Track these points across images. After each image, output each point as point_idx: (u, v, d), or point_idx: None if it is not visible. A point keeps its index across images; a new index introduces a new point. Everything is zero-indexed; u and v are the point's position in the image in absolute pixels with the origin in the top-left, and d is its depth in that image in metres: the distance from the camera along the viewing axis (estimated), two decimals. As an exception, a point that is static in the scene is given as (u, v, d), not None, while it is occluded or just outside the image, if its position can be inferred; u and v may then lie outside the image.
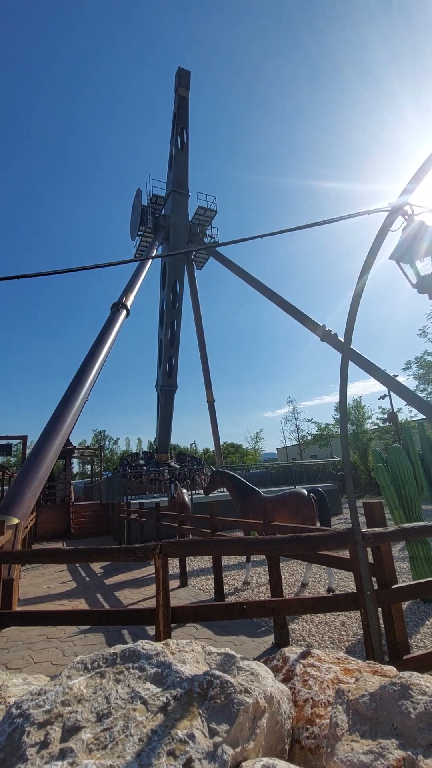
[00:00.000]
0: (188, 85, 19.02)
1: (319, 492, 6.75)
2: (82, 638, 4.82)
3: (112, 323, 13.34)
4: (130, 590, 7.16)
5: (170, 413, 20.82)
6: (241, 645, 4.34)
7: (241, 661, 1.66)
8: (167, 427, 20.84)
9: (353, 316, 2.99)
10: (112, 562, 9.16)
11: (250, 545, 3.24)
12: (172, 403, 20.82)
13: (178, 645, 1.77)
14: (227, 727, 1.28)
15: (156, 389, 21.13)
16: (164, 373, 20.38)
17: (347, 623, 4.71)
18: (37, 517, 15.37)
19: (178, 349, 20.97)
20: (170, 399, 20.65)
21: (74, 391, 10.33)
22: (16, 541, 6.37)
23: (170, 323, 20.41)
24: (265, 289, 15.67)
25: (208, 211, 21.75)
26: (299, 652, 1.99)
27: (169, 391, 20.60)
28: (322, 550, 3.07)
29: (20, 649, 4.63)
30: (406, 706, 1.20)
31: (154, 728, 1.26)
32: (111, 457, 50.71)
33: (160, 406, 20.70)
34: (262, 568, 7.68)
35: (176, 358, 20.82)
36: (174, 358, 20.73)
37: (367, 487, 27.05)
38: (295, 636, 4.49)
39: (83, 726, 1.28)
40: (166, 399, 20.52)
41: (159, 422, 20.72)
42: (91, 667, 1.61)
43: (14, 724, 1.32)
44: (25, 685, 1.76)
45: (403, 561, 7.32)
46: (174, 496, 10.28)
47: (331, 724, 1.29)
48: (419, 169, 2.71)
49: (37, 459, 8.37)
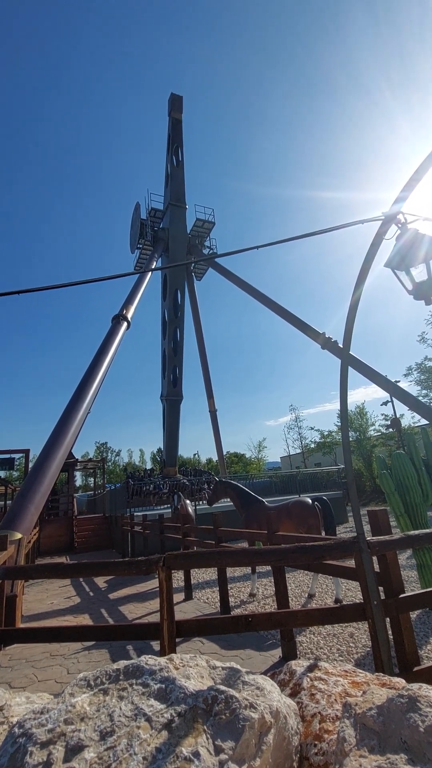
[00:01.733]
0: (181, 108, 19.82)
1: (323, 500, 6.69)
2: (87, 655, 4.75)
3: (113, 335, 13.43)
4: (134, 604, 7.06)
5: (177, 424, 20.40)
6: (248, 659, 4.26)
7: (246, 675, 1.63)
8: (174, 439, 20.39)
9: (351, 322, 3.01)
10: (116, 576, 9.06)
11: (255, 556, 3.21)
12: (179, 413, 20.42)
13: (182, 660, 1.74)
14: (233, 744, 1.26)
15: (161, 401, 20.74)
16: (169, 383, 20.10)
17: (356, 635, 4.63)
18: (40, 532, 15.25)
19: (182, 358, 20.80)
20: (176, 410, 20.27)
21: (76, 404, 10.35)
22: (19, 557, 6.32)
23: (173, 333, 20.30)
24: (265, 298, 15.77)
25: (206, 223, 22.05)
26: (306, 665, 1.96)
27: (175, 402, 20.23)
28: (327, 559, 3.03)
29: (24, 667, 4.55)
30: (414, 719, 1.18)
31: (159, 746, 1.24)
32: (114, 469, 50.50)
33: (166, 418, 20.25)
34: (268, 580, 7.57)
35: (180, 368, 20.61)
36: (178, 368, 20.52)
37: (372, 495, 26.77)
38: (303, 649, 4.41)
39: (86, 745, 1.26)
40: (172, 410, 20.12)
41: (165, 434, 20.22)
42: (94, 684, 1.58)
43: (17, 744, 1.30)
44: (28, 704, 1.74)
45: (411, 569, 7.22)
46: (178, 507, 10.21)
47: (339, 740, 1.26)
48: (411, 177, 2.75)
49: (39, 473, 8.35)
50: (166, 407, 20.27)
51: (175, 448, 20.79)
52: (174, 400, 20.18)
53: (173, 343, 20.35)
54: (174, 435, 20.30)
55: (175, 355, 20.40)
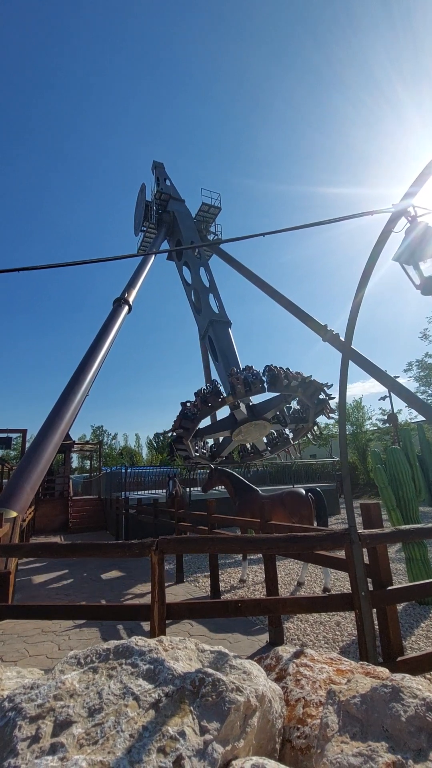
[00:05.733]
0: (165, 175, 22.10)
1: (316, 492, 6.75)
2: (78, 632, 4.84)
3: (113, 319, 13.33)
4: (126, 585, 7.18)
5: (233, 347, 16.59)
6: (235, 642, 4.36)
7: (233, 659, 1.66)
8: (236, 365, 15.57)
9: (355, 314, 2.98)
10: (109, 557, 9.19)
11: (247, 544, 3.24)
12: (230, 336, 16.98)
13: (171, 642, 1.77)
14: (218, 725, 1.28)
15: (204, 340, 18.10)
16: (207, 311, 17.36)
17: (342, 623, 4.72)
18: (36, 511, 15.40)
19: (216, 288, 18.82)
20: (225, 333, 16.93)
21: (75, 386, 10.33)
22: (14, 534, 6.40)
23: (196, 270, 18.72)
24: (267, 287, 15.58)
25: (212, 208, 21.69)
26: (292, 652, 1.99)
27: (222, 325, 17.08)
28: (318, 550, 3.07)
29: (16, 641, 4.65)
30: (396, 708, 1.20)
31: (145, 724, 1.26)
32: (110, 453, 50.77)
33: (217, 347, 16.60)
34: (259, 567, 7.70)
35: (217, 296, 18.45)
36: (215, 295, 18.40)
37: (365, 488, 27.07)
38: (289, 635, 4.50)
39: (75, 721, 1.29)
40: (220, 335, 16.73)
41: (222, 365, 16.14)
42: (84, 662, 1.61)
43: (6, 717, 1.32)
44: (19, 679, 1.77)
45: (400, 562, 7.33)
46: (173, 492, 10.31)
47: (322, 725, 1.29)
48: (422, 171, 2.69)
49: (36, 453, 8.38)
50: (212, 337, 17.15)
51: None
52: (220, 321, 17.16)
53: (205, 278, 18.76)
54: (233, 361, 16.01)
55: (208, 287, 18.42)
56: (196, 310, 18.76)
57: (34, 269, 3.61)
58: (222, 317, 17.50)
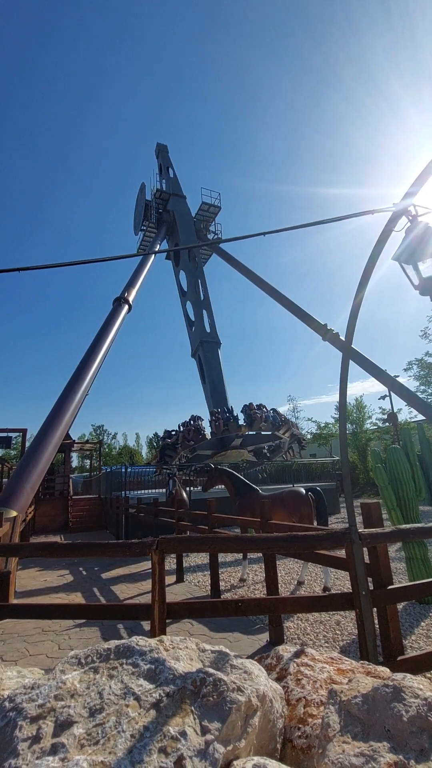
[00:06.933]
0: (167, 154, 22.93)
1: (316, 491, 6.75)
2: (78, 632, 4.84)
3: (113, 318, 13.33)
4: (126, 585, 7.19)
5: (220, 371, 16.99)
6: (236, 642, 4.36)
7: (234, 659, 1.66)
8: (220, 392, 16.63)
9: (355, 314, 2.98)
10: (109, 557, 9.20)
11: (247, 543, 3.24)
12: (218, 359, 17.39)
13: (172, 642, 1.77)
14: (219, 725, 1.28)
15: (195, 358, 18.22)
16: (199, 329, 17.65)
17: (342, 623, 4.72)
18: (36, 510, 15.41)
19: (210, 303, 18.86)
20: (214, 354, 17.38)
21: (75, 385, 10.34)
22: (14, 534, 6.40)
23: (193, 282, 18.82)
24: (267, 286, 15.54)
25: (212, 207, 21.68)
26: (293, 651, 1.99)
27: (212, 345, 17.41)
28: (318, 549, 3.07)
29: (16, 641, 4.65)
30: (398, 708, 1.20)
31: (146, 725, 1.26)
32: (110, 452, 50.81)
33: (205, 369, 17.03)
34: (259, 566, 7.70)
35: (210, 312, 18.51)
36: (207, 312, 18.47)
37: (366, 487, 27.09)
38: (290, 634, 4.50)
39: (76, 721, 1.28)
40: (209, 355, 17.13)
41: (209, 388, 16.75)
42: (84, 662, 1.61)
43: (7, 717, 1.32)
44: (20, 678, 1.77)
45: (400, 562, 7.34)
46: (173, 492, 10.31)
47: (323, 725, 1.29)
48: (423, 171, 2.68)
49: (36, 452, 8.39)
50: (202, 358, 17.46)
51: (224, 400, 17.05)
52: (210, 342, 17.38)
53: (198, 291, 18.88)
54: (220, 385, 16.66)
55: (201, 300, 18.55)
56: (188, 324, 19.21)
57: (34, 269, 3.61)
58: (213, 338, 17.98)
